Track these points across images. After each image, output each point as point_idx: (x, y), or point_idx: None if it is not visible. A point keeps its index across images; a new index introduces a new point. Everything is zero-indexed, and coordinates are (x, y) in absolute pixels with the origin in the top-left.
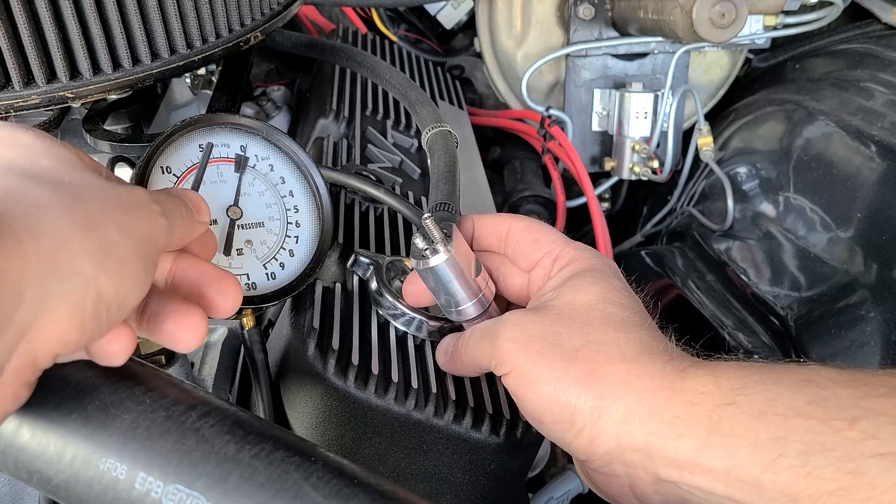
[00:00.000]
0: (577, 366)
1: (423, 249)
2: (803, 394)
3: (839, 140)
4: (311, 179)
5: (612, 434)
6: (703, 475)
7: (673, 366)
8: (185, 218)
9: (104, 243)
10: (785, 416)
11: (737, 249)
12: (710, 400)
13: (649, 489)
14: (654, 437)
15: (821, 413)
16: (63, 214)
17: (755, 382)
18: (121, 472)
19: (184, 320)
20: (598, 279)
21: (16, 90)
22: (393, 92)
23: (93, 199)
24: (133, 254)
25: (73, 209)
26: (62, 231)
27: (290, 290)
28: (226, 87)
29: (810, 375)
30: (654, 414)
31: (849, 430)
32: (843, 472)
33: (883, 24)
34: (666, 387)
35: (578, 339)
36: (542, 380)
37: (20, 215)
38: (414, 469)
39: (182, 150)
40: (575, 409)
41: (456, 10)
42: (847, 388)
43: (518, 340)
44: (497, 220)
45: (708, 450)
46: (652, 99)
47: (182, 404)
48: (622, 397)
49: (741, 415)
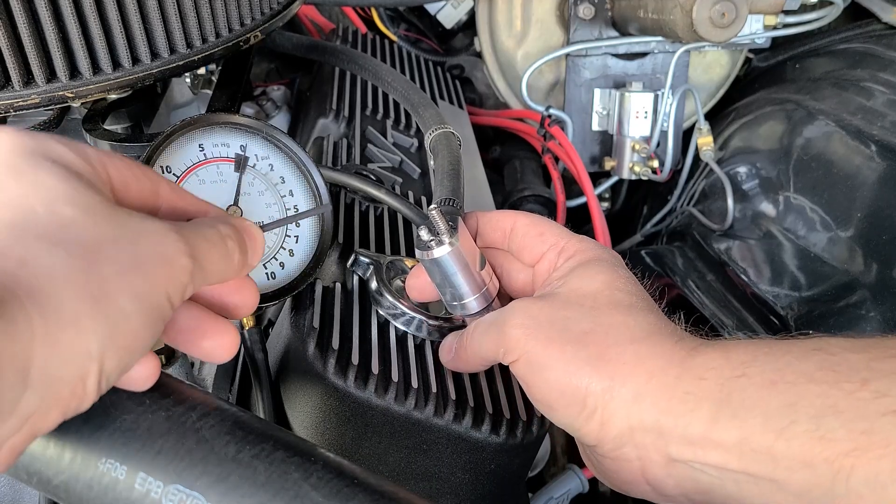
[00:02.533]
0: (586, 348)
1: (428, 241)
2: (813, 361)
3: (839, 140)
4: (311, 179)
5: (623, 415)
6: (716, 450)
7: (682, 345)
8: (224, 258)
9: (113, 317)
10: (795, 384)
11: (737, 249)
12: (720, 374)
13: (661, 472)
14: (666, 414)
15: (832, 377)
16: (75, 286)
17: (764, 354)
18: (121, 473)
19: (221, 339)
20: (605, 268)
21: (16, 90)
22: (395, 95)
23: (110, 260)
24: (142, 325)
25: (87, 277)
26: (72, 307)
27: (290, 290)
28: (226, 86)
29: (819, 344)
30: (664, 392)
31: (860, 392)
32: (856, 432)
33: (883, 24)
34: (676, 364)
35: (587, 323)
36: (553, 364)
37: (33, 290)
38: (414, 469)
39: (182, 149)
40: (586, 391)
41: (456, 9)
42: (857, 352)
43: (527, 326)
44: (501, 215)
45: (719, 423)
46: (652, 98)
47: (182, 405)
48: (633, 377)
49: (751, 386)
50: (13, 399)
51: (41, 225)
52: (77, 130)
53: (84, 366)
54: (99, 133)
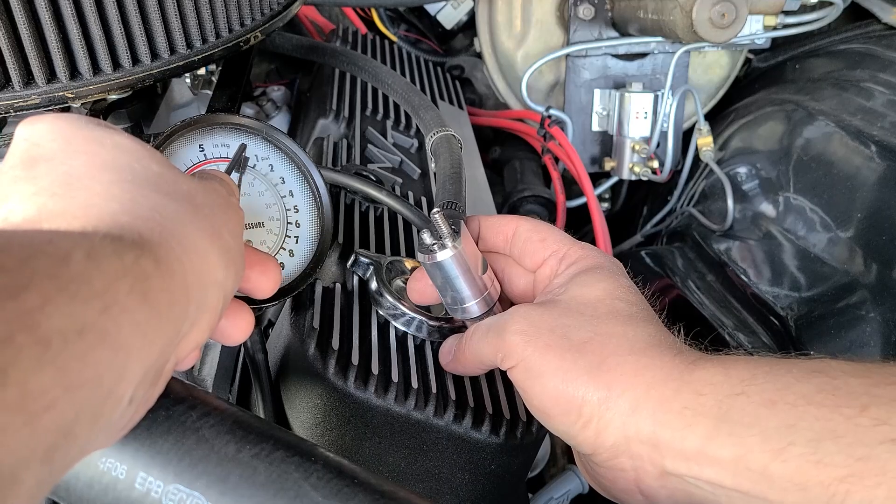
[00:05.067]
0: (585, 357)
1: (431, 244)
2: (813, 383)
3: (839, 140)
4: (311, 179)
5: (619, 425)
6: (711, 466)
7: (682, 358)
8: None
9: (224, 247)
10: (795, 405)
11: (737, 249)
12: (720, 390)
13: (655, 483)
14: (662, 427)
15: (831, 401)
16: (197, 227)
17: (765, 374)
18: (121, 472)
19: (236, 319)
20: (606, 276)
21: (16, 90)
22: (395, 97)
23: (205, 206)
24: (240, 255)
25: (200, 219)
26: (201, 244)
27: (290, 290)
28: (226, 87)
29: (820, 366)
30: (662, 405)
31: (859, 417)
32: (853, 458)
33: (883, 24)
34: (675, 378)
35: (587, 332)
36: (550, 371)
37: (174, 234)
38: (414, 469)
39: (182, 150)
40: (583, 400)
41: (456, 10)
42: (858, 377)
43: (526, 333)
44: (503, 220)
45: (716, 440)
46: (652, 99)
47: (182, 404)
48: (630, 388)
49: (750, 405)
50: (180, 332)
51: (146, 179)
52: None
53: (219, 294)
54: None
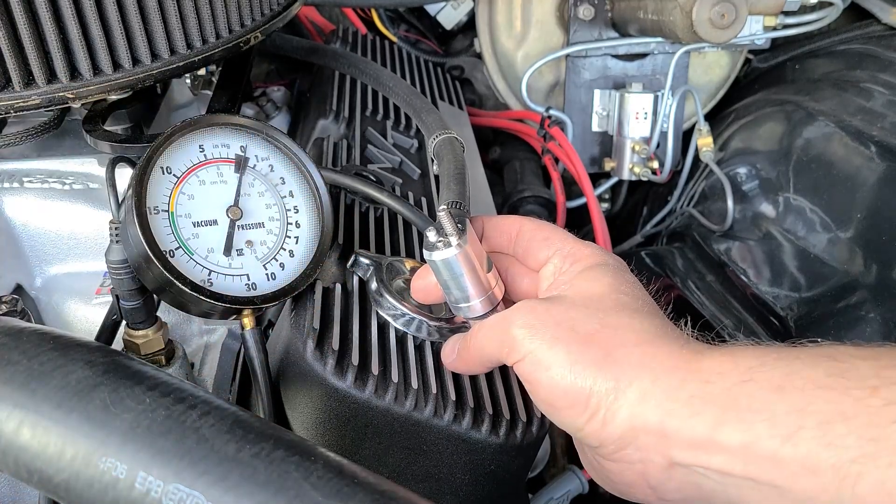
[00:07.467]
0: (592, 348)
1: (436, 241)
2: (822, 368)
3: (839, 140)
4: (311, 180)
5: (626, 416)
6: (720, 454)
7: (689, 349)
8: None
9: None
10: (804, 390)
11: (737, 250)
12: (727, 378)
13: (663, 475)
14: (670, 416)
15: (840, 384)
16: None
17: (773, 360)
18: (121, 472)
19: None
20: (610, 272)
21: (16, 90)
22: (396, 99)
23: None
24: None
25: None
26: None
27: (290, 291)
28: (226, 87)
29: (829, 351)
30: (669, 394)
31: (870, 399)
32: (864, 438)
33: (883, 25)
34: (682, 367)
35: (593, 324)
36: (558, 363)
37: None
38: (414, 470)
39: (182, 150)
40: (590, 391)
41: (456, 10)
42: (866, 360)
43: (532, 326)
44: (507, 219)
45: (725, 427)
46: (652, 99)
47: (182, 404)
48: (638, 379)
49: (758, 391)
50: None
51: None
52: (77, 131)
53: None
54: (99, 134)
